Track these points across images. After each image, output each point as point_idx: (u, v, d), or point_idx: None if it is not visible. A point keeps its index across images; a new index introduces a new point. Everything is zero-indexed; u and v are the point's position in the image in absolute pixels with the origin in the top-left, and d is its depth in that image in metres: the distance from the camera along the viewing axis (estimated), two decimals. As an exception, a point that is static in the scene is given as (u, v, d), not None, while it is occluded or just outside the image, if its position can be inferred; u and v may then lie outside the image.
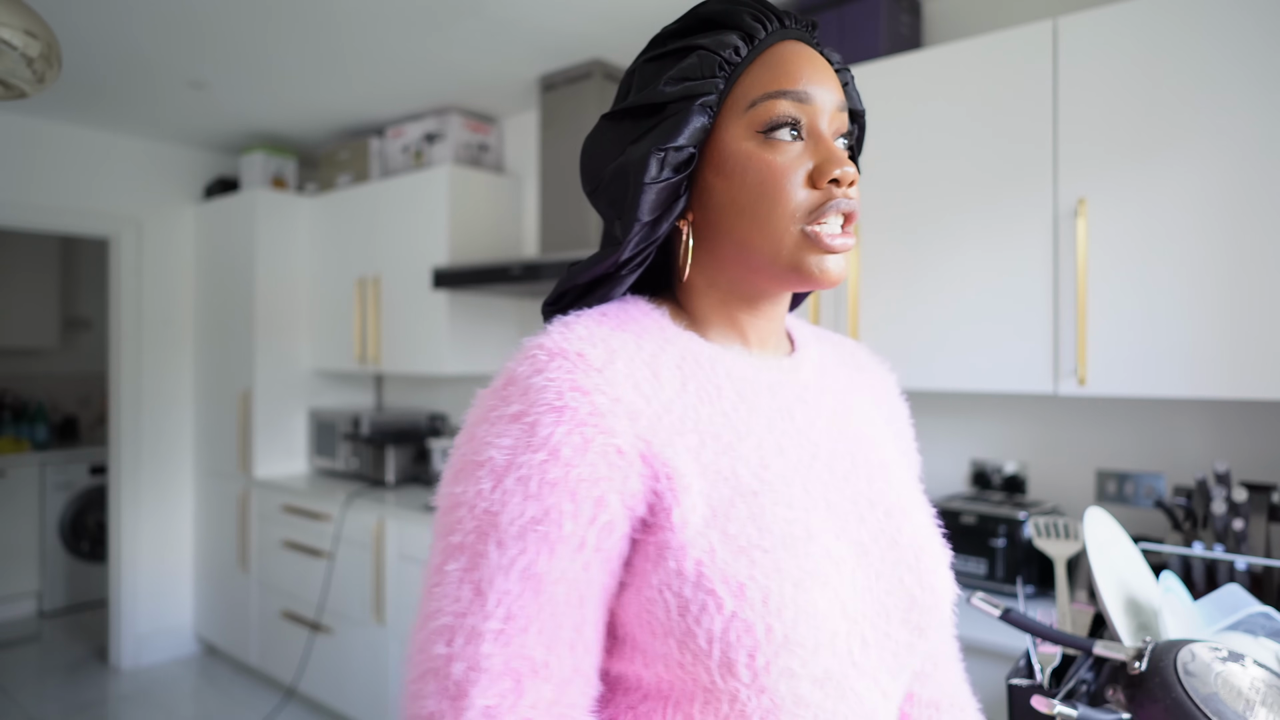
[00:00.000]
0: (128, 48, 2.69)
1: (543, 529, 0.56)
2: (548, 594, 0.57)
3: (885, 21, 2.10)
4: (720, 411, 0.64)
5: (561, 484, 0.57)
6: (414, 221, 3.18)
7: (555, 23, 2.46)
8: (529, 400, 0.58)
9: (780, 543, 0.60)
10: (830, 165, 0.63)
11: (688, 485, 0.60)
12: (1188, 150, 1.60)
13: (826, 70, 0.67)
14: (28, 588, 4.54)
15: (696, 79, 0.64)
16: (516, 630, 0.56)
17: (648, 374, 0.62)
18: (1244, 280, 1.55)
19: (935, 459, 2.27)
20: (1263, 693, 0.75)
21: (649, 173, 0.63)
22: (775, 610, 0.57)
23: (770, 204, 0.63)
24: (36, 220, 3.51)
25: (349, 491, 3.15)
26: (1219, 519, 1.56)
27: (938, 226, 1.92)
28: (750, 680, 0.57)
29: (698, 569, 0.58)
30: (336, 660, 3.10)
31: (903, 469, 0.74)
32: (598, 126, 0.70)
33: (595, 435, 0.58)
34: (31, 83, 1.17)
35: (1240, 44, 1.55)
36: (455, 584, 0.57)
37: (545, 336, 0.62)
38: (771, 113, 0.64)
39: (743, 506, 0.61)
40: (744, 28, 0.65)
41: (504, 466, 0.57)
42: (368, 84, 3.01)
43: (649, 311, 0.68)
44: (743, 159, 0.64)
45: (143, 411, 3.76)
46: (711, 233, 0.67)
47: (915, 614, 0.65)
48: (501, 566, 0.56)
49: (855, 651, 0.62)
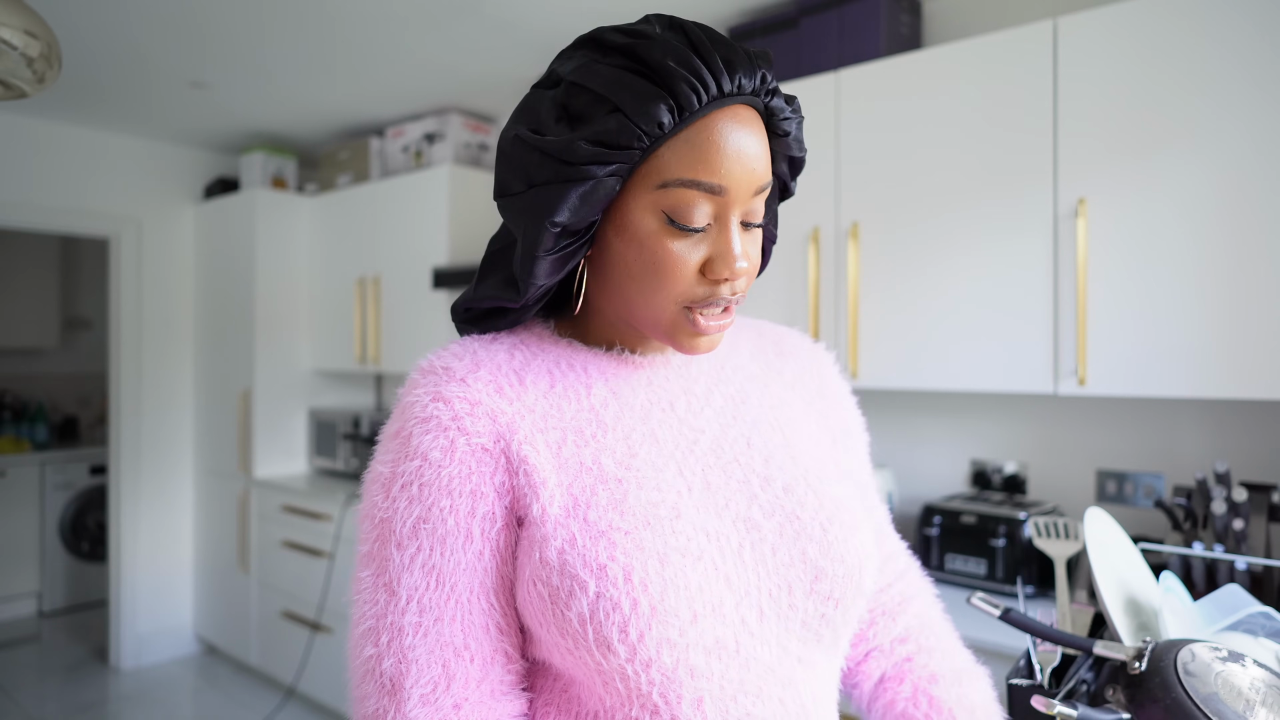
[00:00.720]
0: (128, 48, 2.69)
1: (429, 526, 0.62)
2: (450, 584, 0.62)
3: (885, 21, 2.10)
4: (587, 408, 0.68)
5: (436, 483, 0.63)
6: (414, 221, 3.18)
7: (555, 23, 2.46)
8: (404, 417, 0.65)
9: (642, 523, 0.63)
10: (723, 265, 0.63)
11: (544, 479, 0.64)
12: (1187, 150, 1.60)
13: (756, 147, 0.63)
14: (28, 588, 4.54)
15: (611, 147, 0.60)
16: (432, 621, 0.62)
17: (513, 380, 0.67)
18: (1244, 280, 1.55)
19: (935, 459, 2.27)
20: (1263, 693, 0.75)
21: (543, 245, 0.63)
22: (639, 585, 0.60)
23: (657, 284, 0.64)
24: (36, 220, 3.51)
25: (349, 491, 3.15)
26: (1219, 519, 1.56)
27: (937, 226, 1.92)
28: (629, 655, 0.60)
29: (560, 557, 0.62)
30: (336, 660, 3.10)
31: (815, 446, 0.76)
32: (511, 139, 0.66)
33: (458, 438, 0.63)
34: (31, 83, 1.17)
35: (1240, 44, 1.55)
36: (370, 589, 0.63)
37: (423, 359, 0.69)
38: (679, 201, 0.62)
39: (604, 494, 0.64)
40: (676, 96, 0.60)
41: (389, 478, 0.64)
42: (368, 84, 3.01)
43: (532, 326, 0.74)
44: (643, 234, 0.64)
45: (143, 411, 3.76)
46: (603, 277, 0.68)
47: (824, 584, 0.67)
48: (404, 565, 0.62)
49: (751, 621, 0.64)
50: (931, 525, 1.98)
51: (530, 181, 0.64)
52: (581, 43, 0.66)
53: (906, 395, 2.29)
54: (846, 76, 2.06)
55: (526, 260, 0.64)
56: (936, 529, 1.97)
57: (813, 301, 2.10)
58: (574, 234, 0.64)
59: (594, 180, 0.61)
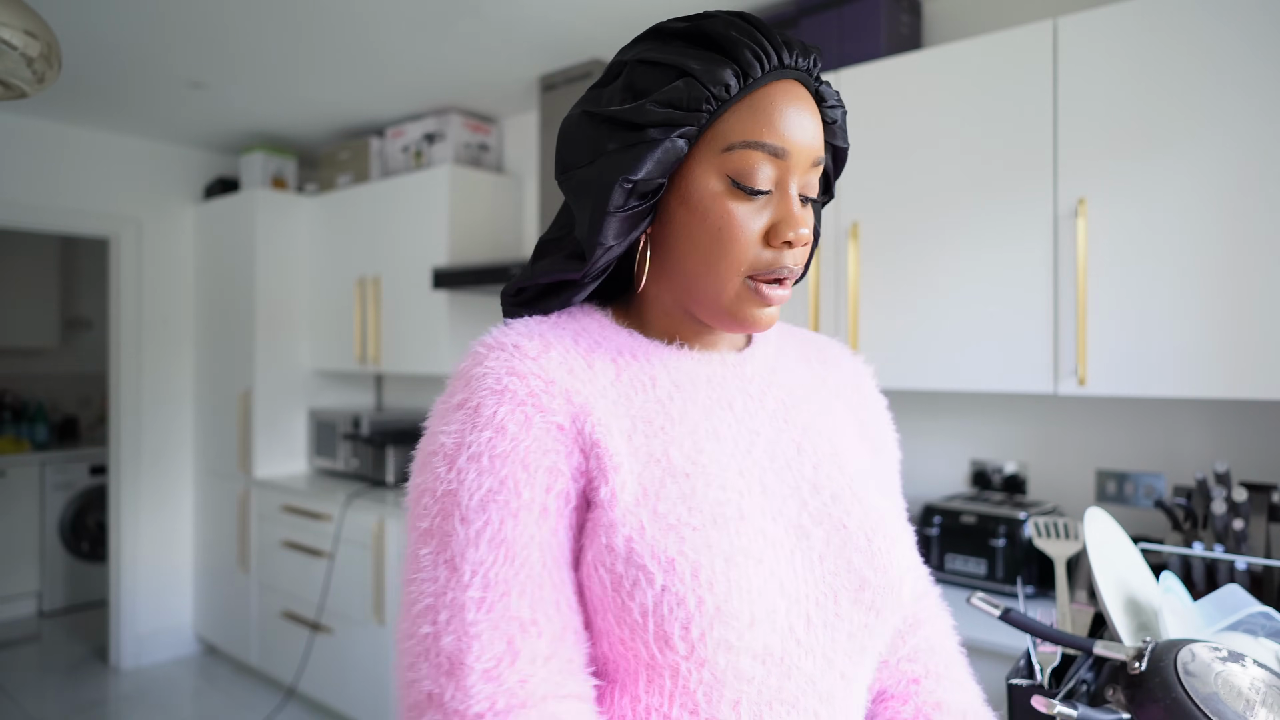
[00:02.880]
0: (128, 48, 2.69)
1: (501, 498, 0.60)
2: (521, 558, 0.59)
3: (885, 21, 2.10)
4: (654, 399, 0.68)
5: (511, 455, 0.60)
6: (414, 221, 3.18)
7: (555, 23, 2.46)
8: (470, 389, 0.63)
9: (710, 521, 0.62)
10: (787, 227, 0.65)
11: (617, 465, 0.63)
12: (1188, 150, 1.60)
13: (812, 119, 0.66)
14: (28, 588, 4.54)
15: (681, 108, 0.63)
16: (497, 596, 0.58)
17: (582, 364, 0.66)
18: (1243, 280, 1.55)
19: (935, 459, 2.27)
20: (1263, 693, 0.75)
21: (614, 201, 0.64)
22: (706, 584, 0.59)
23: (722, 251, 0.65)
24: (36, 220, 3.51)
25: (349, 491, 3.16)
26: (1219, 519, 1.56)
27: (937, 226, 1.92)
28: (688, 652, 0.59)
29: (628, 545, 0.60)
30: (336, 660, 3.10)
31: (859, 456, 0.76)
32: (577, 117, 0.69)
33: (534, 414, 0.62)
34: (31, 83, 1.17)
35: (1240, 44, 1.55)
36: (430, 566, 0.60)
37: (486, 335, 0.66)
38: (745, 163, 0.64)
39: (673, 487, 0.63)
40: (741, 62, 0.63)
41: (454, 449, 0.61)
42: (368, 84, 3.01)
43: (591, 314, 0.72)
44: (707, 199, 0.65)
45: (143, 411, 3.76)
46: (666, 252, 0.69)
47: (868, 594, 0.66)
48: (469, 539, 0.59)
49: (798, 629, 0.64)
50: (931, 525, 1.98)
51: (599, 151, 0.66)
52: (643, 35, 0.70)
53: (906, 395, 2.29)
54: (846, 76, 2.06)
55: (595, 222, 0.65)
56: (936, 529, 1.97)
57: (813, 301, 2.10)
58: (642, 196, 0.65)
59: (664, 142, 0.63)
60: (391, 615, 2.87)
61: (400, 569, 2.73)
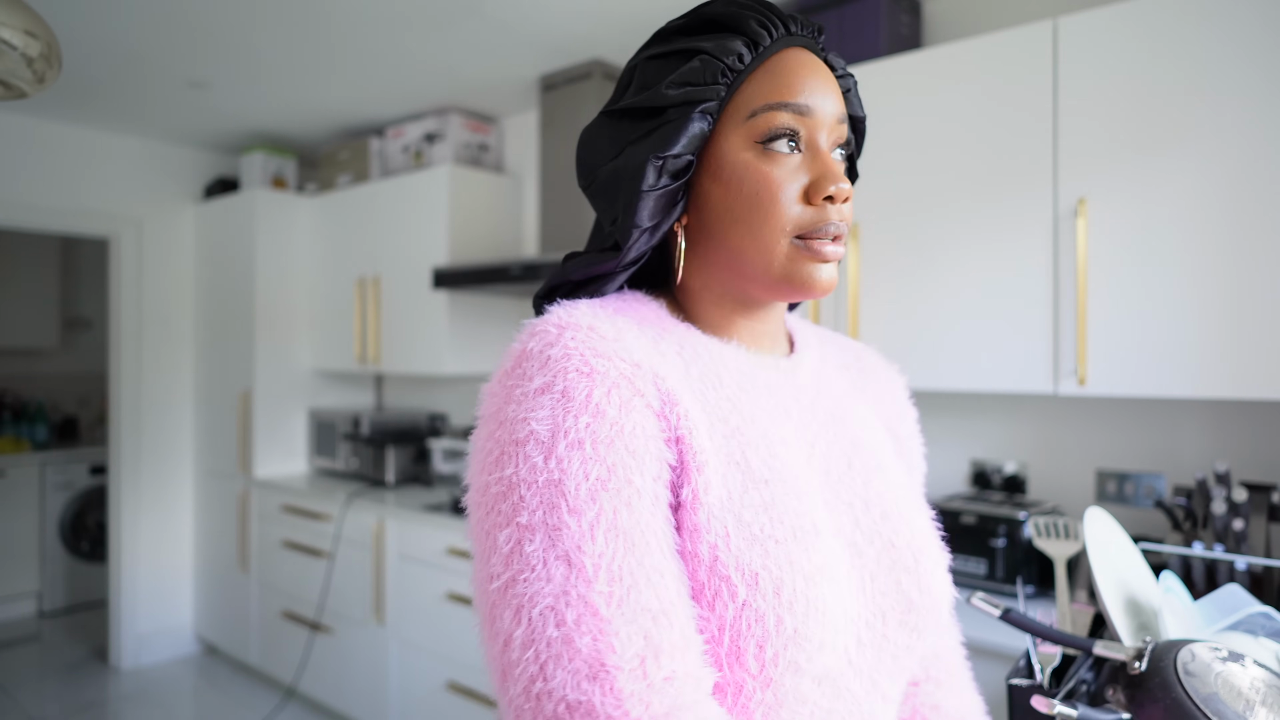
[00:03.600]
0: (127, 48, 2.69)
1: (613, 486, 0.55)
2: (641, 547, 0.55)
3: (885, 21, 2.10)
4: (724, 397, 0.64)
5: (616, 441, 0.56)
6: (414, 221, 3.18)
7: (555, 23, 2.46)
8: (552, 371, 0.57)
9: (792, 535, 0.59)
10: (826, 181, 0.63)
11: (702, 463, 0.59)
12: (1188, 150, 1.60)
13: (829, 80, 0.66)
14: (28, 588, 4.54)
15: (699, 84, 0.63)
16: (625, 590, 0.53)
17: (655, 353, 0.61)
18: (1244, 280, 1.55)
19: (935, 459, 2.27)
20: (1263, 693, 0.75)
21: (646, 180, 0.63)
22: (787, 603, 0.57)
23: (764, 215, 0.63)
24: (36, 220, 3.51)
25: (349, 491, 3.15)
26: (1219, 519, 1.56)
27: (938, 226, 1.92)
28: (758, 671, 0.57)
29: (712, 553, 0.57)
30: (336, 660, 3.10)
31: (900, 472, 0.74)
32: (596, 122, 0.69)
33: (631, 396, 0.57)
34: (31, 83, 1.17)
35: (1240, 43, 1.55)
36: (541, 564, 0.53)
37: (549, 314, 0.61)
38: (771, 124, 0.63)
39: (755, 494, 0.60)
40: (749, 33, 0.64)
41: (550, 436, 0.55)
42: (368, 84, 3.01)
43: (646, 302, 0.69)
44: (740, 168, 0.64)
45: (143, 411, 3.76)
46: (706, 237, 0.67)
47: (913, 617, 0.65)
48: (584, 531, 0.54)
49: (851, 651, 0.62)
50: (931, 525, 1.98)
51: (624, 143, 0.66)
52: (648, 41, 0.70)
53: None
54: (846, 76, 2.06)
55: (629, 205, 0.63)
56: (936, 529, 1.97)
57: (813, 301, 2.10)
58: (674, 175, 0.64)
59: (687, 119, 0.63)
60: (391, 615, 2.87)
61: (399, 570, 2.71)
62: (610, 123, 0.67)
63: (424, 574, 2.76)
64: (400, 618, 2.85)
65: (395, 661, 2.86)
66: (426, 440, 3.36)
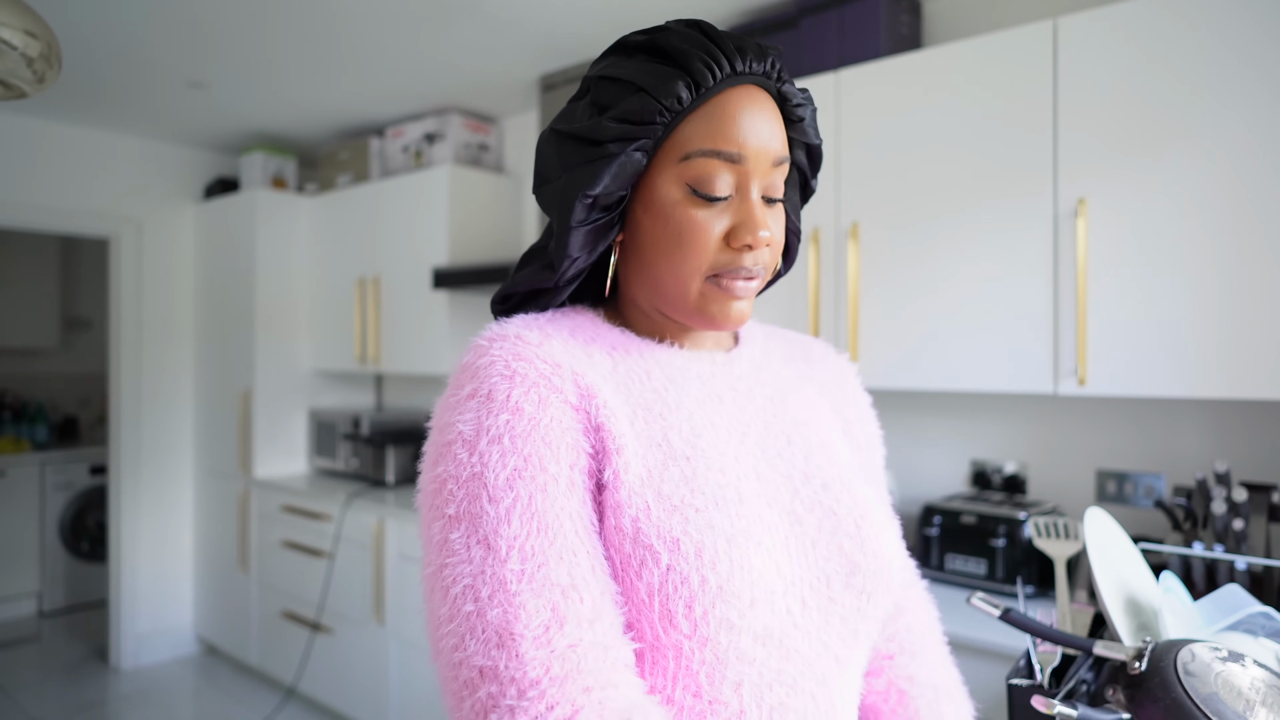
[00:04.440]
0: (128, 48, 2.69)
1: (528, 474, 0.60)
2: (554, 528, 0.60)
3: (885, 21, 2.10)
4: (650, 389, 0.70)
5: (532, 433, 0.61)
6: (414, 221, 3.18)
7: (555, 23, 2.46)
8: (479, 378, 0.64)
9: (712, 502, 0.64)
10: (745, 231, 0.66)
11: (621, 446, 0.64)
12: (1188, 150, 1.60)
13: (770, 122, 0.68)
14: (28, 588, 4.54)
15: (636, 123, 0.65)
16: (536, 566, 0.58)
17: (581, 354, 0.68)
18: (1244, 280, 1.55)
19: (935, 459, 2.27)
20: (1263, 693, 0.75)
21: (575, 216, 0.66)
22: (709, 563, 0.61)
23: (684, 255, 0.67)
24: (36, 220, 3.51)
25: (349, 491, 3.15)
26: (1219, 519, 1.56)
27: (937, 226, 1.92)
28: (690, 631, 0.61)
29: (634, 525, 0.62)
30: (336, 660, 3.10)
31: (845, 450, 0.79)
32: (548, 134, 0.72)
33: (549, 394, 0.63)
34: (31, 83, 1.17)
35: (1240, 44, 1.55)
36: (464, 548, 0.59)
37: (485, 330, 0.68)
38: (702, 171, 0.66)
39: (675, 469, 0.66)
40: (692, 73, 0.65)
41: (474, 435, 0.61)
42: (368, 84, 3.01)
43: (583, 313, 0.74)
44: (668, 206, 0.67)
45: (143, 411, 3.76)
46: (637, 257, 0.71)
47: (858, 579, 0.69)
48: (501, 517, 0.59)
49: (795, 612, 0.66)
50: (931, 525, 1.98)
51: (565, 167, 0.69)
52: (609, 50, 0.72)
53: (906, 395, 2.29)
54: (846, 76, 2.06)
55: (561, 235, 0.68)
56: (936, 529, 1.97)
57: (813, 301, 2.10)
58: (605, 209, 0.68)
59: (621, 156, 0.65)
60: (391, 615, 2.87)
61: (399, 570, 2.72)
62: (557, 141, 0.70)
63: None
64: (400, 618, 2.85)
65: (395, 661, 2.86)
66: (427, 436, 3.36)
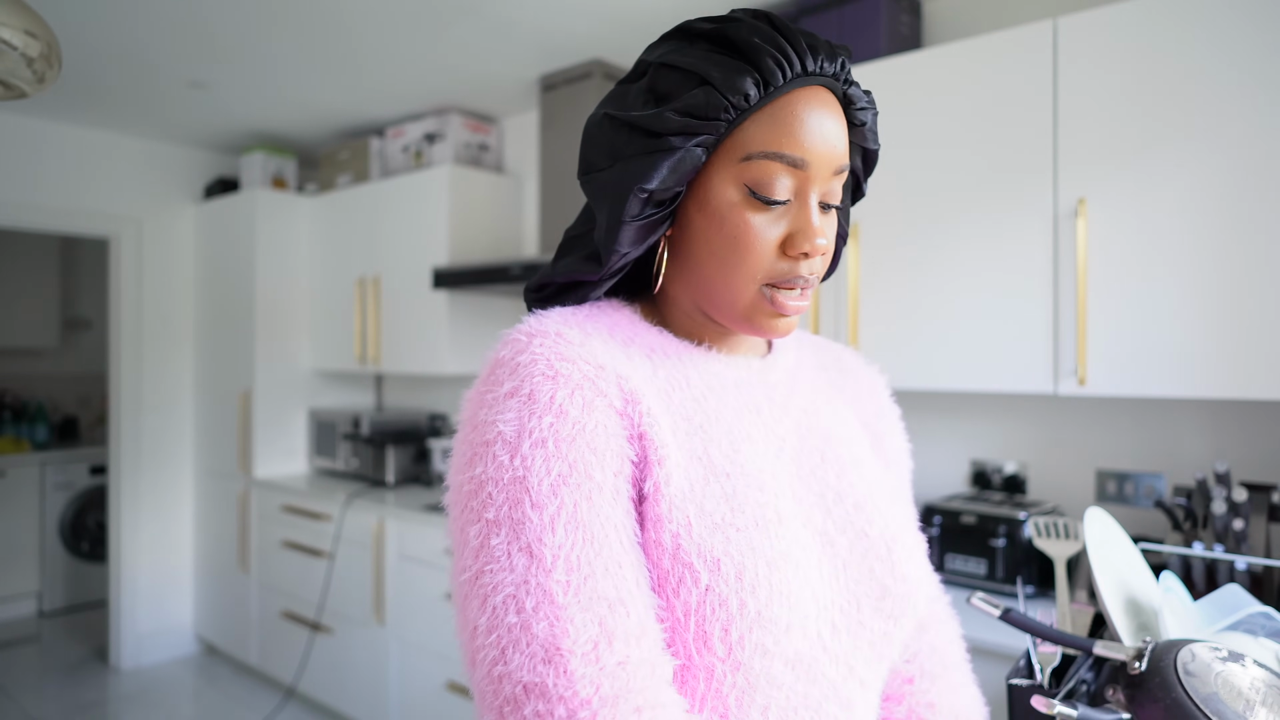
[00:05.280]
0: (128, 48, 2.69)
1: (574, 481, 0.58)
2: (600, 539, 0.58)
3: (885, 21, 2.10)
4: (690, 398, 0.67)
5: (578, 438, 0.59)
6: (414, 221, 3.18)
7: (555, 23, 2.46)
8: (520, 376, 0.61)
9: (753, 523, 0.62)
10: (803, 239, 0.64)
11: (663, 457, 0.62)
12: (1187, 150, 1.60)
13: (836, 127, 0.65)
14: (28, 588, 4.54)
15: (699, 118, 0.62)
16: (582, 579, 0.56)
17: (622, 357, 0.65)
18: (1243, 280, 1.55)
19: (935, 459, 2.27)
20: (1263, 693, 0.75)
21: (629, 210, 0.64)
22: (749, 587, 0.59)
23: (739, 260, 0.65)
24: (36, 220, 3.51)
25: (349, 491, 3.15)
26: (1219, 519, 1.56)
27: (938, 226, 1.92)
28: (725, 655, 0.59)
29: (675, 541, 0.60)
30: (336, 660, 3.10)
31: (876, 466, 0.76)
32: (599, 118, 0.69)
33: (594, 397, 0.60)
34: (31, 83, 1.17)
35: (1239, 44, 1.55)
36: (505, 555, 0.57)
37: (522, 324, 0.65)
38: (764, 174, 0.63)
39: (716, 486, 0.63)
40: (763, 70, 0.62)
41: (515, 436, 0.59)
42: (368, 84, 3.01)
43: (620, 309, 0.71)
44: (725, 208, 0.65)
45: (143, 411, 3.76)
46: (685, 256, 0.69)
47: (888, 603, 0.67)
48: (545, 524, 0.57)
49: (825, 636, 0.64)
50: (931, 525, 1.98)
51: (617, 156, 0.66)
52: (669, 34, 0.69)
53: (906, 395, 2.29)
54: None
55: (611, 228, 0.65)
56: (936, 529, 1.97)
57: (813, 302, 2.10)
58: (659, 204, 0.65)
59: (681, 151, 0.63)
60: (391, 615, 2.87)
61: (399, 570, 2.72)
62: (610, 127, 0.67)
63: (424, 574, 2.76)
64: (400, 618, 2.85)
65: (395, 661, 2.86)
66: (426, 440, 3.36)
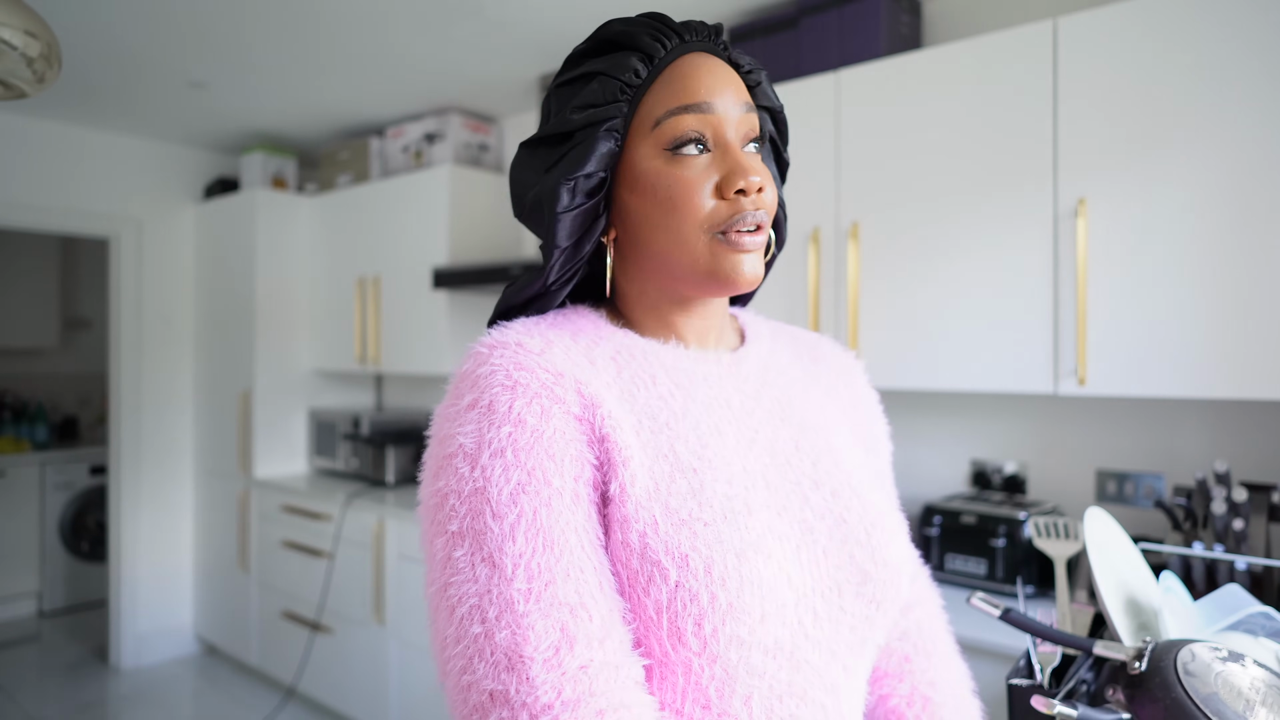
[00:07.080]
0: (127, 48, 2.69)
1: (532, 488, 0.59)
2: (560, 545, 0.58)
3: (885, 21, 2.10)
4: (656, 396, 0.68)
5: (535, 446, 0.60)
6: (414, 221, 3.18)
7: (555, 23, 2.46)
8: (480, 388, 0.62)
9: (720, 516, 0.63)
10: (735, 176, 0.65)
11: (627, 458, 0.62)
12: (1187, 150, 1.60)
13: (729, 77, 0.68)
14: (28, 588, 4.54)
15: (599, 104, 0.66)
16: (543, 585, 0.57)
17: (584, 361, 0.66)
18: (1244, 280, 1.55)
19: (935, 459, 2.27)
20: (1263, 693, 0.75)
21: (561, 202, 0.66)
22: (719, 579, 0.60)
23: (680, 216, 0.66)
24: (36, 220, 3.51)
25: (349, 491, 3.15)
26: (1219, 519, 1.56)
27: (938, 226, 1.92)
28: (700, 649, 0.60)
29: (642, 540, 0.61)
30: (336, 660, 3.10)
31: (855, 452, 0.77)
32: (518, 154, 0.73)
33: (551, 405, 0.61)
34: (31, 83, 1.17)
35: (1240, 43, 1.55)
36: (469, 567, 0.58)
37: (485, 337, 0.67)
38: (676, 130, 0.66)
39: (683, 482, 0.64)
40: (643, 48, 0.67)
41: (475, 448, 0.60)
42: (368, 84, 3.01)
43: (585, 313, 0.73)
44: (652, 176, 0.67)
45: (143, 411, 3.76)
46: (633, 247, 0.70)
47: (869, 588, 0.68)
48: (505, 533, 0.58)
49: (807, 623, 0.64)
50: (931, 525, 1.98)
51: (541, 170, 0.69)
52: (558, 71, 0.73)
53: (906, 395, 2.29)
54: (846, 77, 2.06)
55: (549, 227, 0.67)
56: (936, 529, 1.97)
57: (813, 301, 2.10)
58: (588, 194, 0.67)
59: (593, 140, 0.66)
60: (391, 615, 2.87)
61: (398, 570, 2.72)
62: (529, 153, 0.71)
63: (424, 574, 2.76)
64: (400, 618, 2.85)
65: (395, 661, 2.86)
66: (426, 440, 3.36)
